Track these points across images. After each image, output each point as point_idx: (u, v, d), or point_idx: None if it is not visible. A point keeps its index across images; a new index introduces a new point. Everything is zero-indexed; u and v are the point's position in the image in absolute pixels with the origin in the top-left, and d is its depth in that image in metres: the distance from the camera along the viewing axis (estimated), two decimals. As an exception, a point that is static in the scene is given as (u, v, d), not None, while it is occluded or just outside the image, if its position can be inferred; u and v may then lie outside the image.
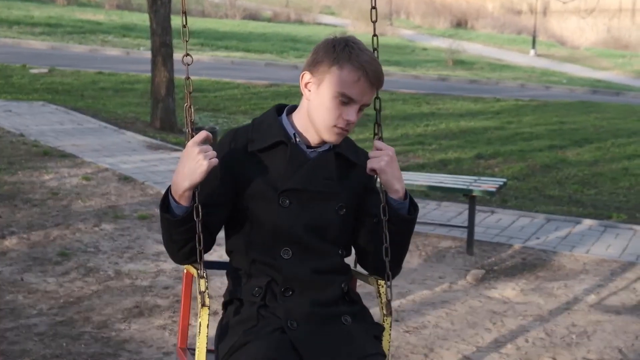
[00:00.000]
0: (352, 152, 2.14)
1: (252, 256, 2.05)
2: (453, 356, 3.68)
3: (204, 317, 1.95)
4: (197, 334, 1.96)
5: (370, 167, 2.01)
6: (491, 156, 9.70)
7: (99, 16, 25.41)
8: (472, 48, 30.37)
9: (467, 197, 5.39)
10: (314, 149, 2.09)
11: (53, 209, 5.66)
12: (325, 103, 2.00)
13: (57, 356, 3.41)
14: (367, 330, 2.07)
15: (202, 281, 1.96)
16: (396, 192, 2.03)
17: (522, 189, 7.94)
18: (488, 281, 4.86)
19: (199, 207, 1.92)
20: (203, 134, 1.91)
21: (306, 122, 2.07)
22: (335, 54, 1.98)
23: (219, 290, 4.11)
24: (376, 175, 2.05)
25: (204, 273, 1.96)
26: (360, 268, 2.27)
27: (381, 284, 2.14)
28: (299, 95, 2.10)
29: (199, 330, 1.96)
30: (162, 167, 7.32)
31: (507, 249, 5.55)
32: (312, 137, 2.08)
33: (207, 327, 1.95)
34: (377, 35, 2.09)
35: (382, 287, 2.13)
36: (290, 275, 2.01)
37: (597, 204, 7.46)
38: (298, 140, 2.07)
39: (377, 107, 2.08)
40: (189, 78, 2.01)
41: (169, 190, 1.96)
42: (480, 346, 3.82)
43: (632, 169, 9.38)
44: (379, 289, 2.14)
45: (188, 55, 2.00)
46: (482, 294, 4.61)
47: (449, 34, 34.42)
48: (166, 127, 9.77)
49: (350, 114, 2.00)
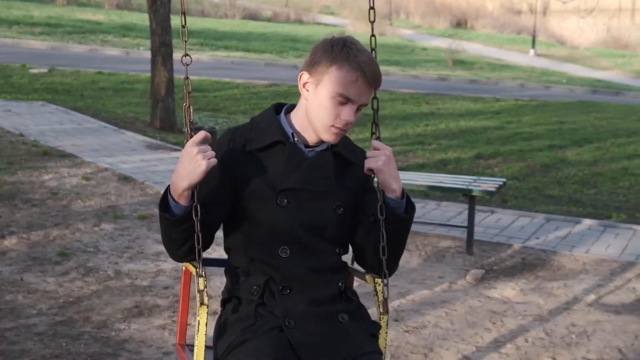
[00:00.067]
0: (350, 151, 2.14)
1: (251, 254, 2.06)
2: (453, 356, 3.68)
3: (202, 316, 1.96)
4: (196, 332, 1.98)
5: (367, 167, 2.02)
6: (491, 156, 9.70)
7: (99, 16, 25.42)
8: (472, 48, 30.38)
9: (467, 197, 5.39)
10: (312, 149, 2.09)
11: (53, 208, 5.66)
12: (324, 103, 2.00)
13: (56, 356, 3.41)
14: (364, 328, 2.08)
15: (200, 280, 1.97)
16: (393, 192, 2.05)
17: (521, 188, 7.94)
18: (488, 281, 4.86)
19: (198, 206, 1.93)
20: (202, 134, 1.91)
21: (304, 121, 2.07)
22: (333, 54, 1.98)
23: (218, 290, 4.10)
24: (374, 175, 2.06)
25: (202, 272, 1.98)
26: (357, 265, 2.28)
27: (378, 282, 2.15)
28: (298, 95, 2.10)
29: (197, 328, 1.97)
30: (162, 167, 7.32)
31: (507, 248, 5.55)
32: (310, 137, 2.08)
33: (206, 325, 1.97)
34: (374, 36, 2.10)
35: (379, 285, 2.14)
36: (288, 273, 2.03)
37: (597, 203, 7.46)
38: (296, 139, 2.08)
39: (375, 107, 2.09)
40: (188, 78, 2.02)
41: (168, 190, 1.97)
42: (480, 346, 3.82)
43: (631, 168, 9.38)
44: (375, 287, 2.16)
45: (187, 55, 2.01)
46: (482, 293, 4.61)
47: (448, 33, 34.44)
48: (166, 127, 9.77)
49: (348, 114, 2.00)
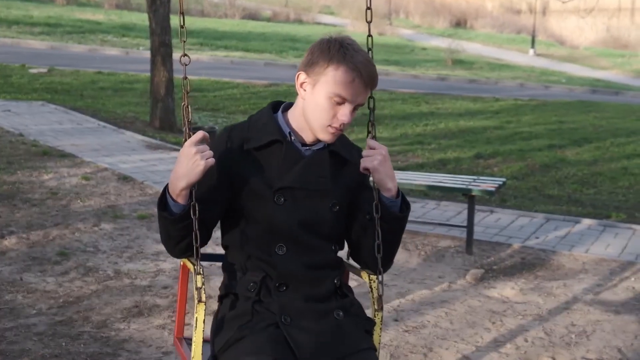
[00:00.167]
0: (347, 149, 2.16)
1: (248, 252, 2.09)
2: (452, 356, 3.68)
3: (200, 313, 1.99)
4: (194, 328, 2.00)
5: (363, 166, 2.04)
6: (490, 156, 9.71)
7: (98, 16, 25.43)
8: (472, 47, 30.40)
9: (466, 196, 5.39)
10: (309, 147, 2.11)
11: (52, 208, 5.66)
12: (320, 103, 2.02)
13: (56, 356, 3.41)
14: (359, 324, 2.11)
15: (198, 277, 2.00)
16: (389, 191, 2.07)
17: (521, 188, 7.94)
18: (487, 281, 4.86)
19: (196, 205, 1.95)
20: (200, 134, 1.93)
21: (301, 120, 2.09)
22: (330, 54, 1.99)
23: (218, 290, 4.10)
24: (369, 174, 2.08)
25: (200, 269, 2.00)
26: (352, 261, 2.31)
27: (373, 279, 2.19)
28: (297, 95, 2.11)
29: (195, 325, 2.00)
30: (162, 166, 7.32)
31: (507, 248, 5.55)
32: (307, 136, 2.10)
33: (204, 322, 2.00)
34: (371, 36, 2.12)
35: (374, 282, 2.18)
36: (285, 270, 2.05)
37: (596, 203, 7.47)
38: (293, 138, 2.10)
39: (371, 106, 2.11)
40: (186, 78, 2.04)
41: (166, 189, 1.99)
42: (480, 346, 3.82)
43: (631, 168, 9.39)
44: (370, 284, 2.19)
45: (186, 55, 2.03)
46: (482, 293, 4.61)
47: (448, 33, 34.45)
48: (165, 126, 9.77)
49: (345, 114, 2.02)
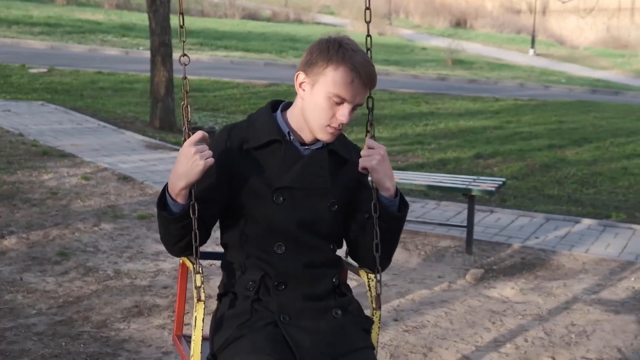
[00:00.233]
0: (345, 149, 2.17)
1: (247, 250, 2.10)
2: (452, 355, 3.68)
3: (199, 312, 2.00)
4: (193, 327, 2.01)
5: (362, 166, 2.05)
6: (490, 156, 9.70)
7: (98, 16, 25.43)
8: (471, 47, 30.39)
9: (466, 196, 5.39)
10: (308, 147, 2.12)
11: (52, 208, 5.66)
12: (319, 103, 2.03)
13: (56, 356, 3.41)
14: (357, 323, 2.12)
15: (197, 276, 2.00)
16: (387, 190, 2.08)
17: (521, 188, 7.94)
18: (487, 280, 4.86)
19: (195, 205, 1.96)
20: (199, 134, 1.93)
21: (300, 120, 2.10)
22: (329, 55, 2.00)
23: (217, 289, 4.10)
24: (368, 173, 2.09)
25: (199, 269, 2.01)
26: (351, 259, 2.32)
27: (371, 277, 2.20)
28: (296, 95, 2.11)
29: (194, 324, 2.01)
30: (162, 166, 7.32)
31: (506, 248, 5.55)
32: (306, 135, 2.11)
33: (203, 321, 2.01)
34: (370, 36, 2.12)
35: (372, 281, 2.19)
36: (283, 269, 2.06)
37: (596, 203, 7.47)
38: (292, 138, 2.11)
39: (370, 105, 2.11)
40: (185, 78, 2.05)
41: (165, 188, 2.00)
42: (480, 345, 3.82)
43: (631, 168, 9.38)
44: (369, 282, 2.20)
45: (185, 55, 2.04)
46: (481, 293, 4.61)
47: (448, 33, 34.44)
48: (165, 126, 9.77)
49: (344, 114, 2.03)
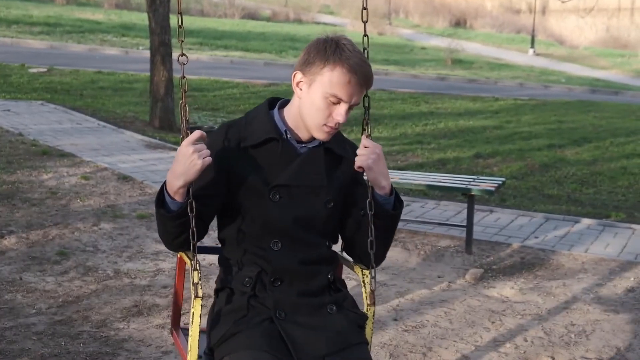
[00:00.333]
0: (341, 146, 2.20)
1: (244, 247, 2.13)
2: (452, 355, 3.68)
3: (196, 308, 2.02)
4: (190, 322, 2.04)
5: (357, 165, 2.08)
6: (490, 155, 9.70)
7: (98, 15, 25.43)
8: (471, 47, 30.39)
9: (466, 196, 5.39)
10: (305, 145, 2.15)
11: (52, 208, 5.66)
12: (316, 103, 2.05)
13: (55, 355, 3.41)
14: (352, 319, 2.15)
15: (195, 273, 2.03)
16: (382, 189, 2.11)
17: (520, 188, 7.94)
18: (487, 280, 4.86)
19: (193, 203, 1.99)
20: (197, 134, 1.96)
21: (297, 119, 2.12)
22: (326, 55, 2.02)
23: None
24: (363, 172, 2.11)
25: (197, 265, 2.03)
26: (346, 254, 2.35)
27: (366, 274, 2.22)
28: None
29: (192, 319, 2.03)
30: (161, 166, 7.32)
31: (506, 248, 5.55)
32: (303, 134, 2.14)
33: (200, 317, 2.03)
34: (367, 35, 2.16)
35: (367, 277, 2.22)
36: (279, 266, 2.09)
37: (596, 203, 7.47)
38: (289, 136, 2.14)
39: (366, 104, 2.14)
40: (184, 77, 2.07)
41: (164, 186, 2.02)
42: (479, 345, 3.82)
43: (630, 168, 9.38)
44: (363, 279, 2.23)
45: (183, 55, 2.06)
46: (481, 293, 4.61)
47: (447, 33, 34.43)
48: (165, 126, 9.77)
49: (340, 114, 2.05)
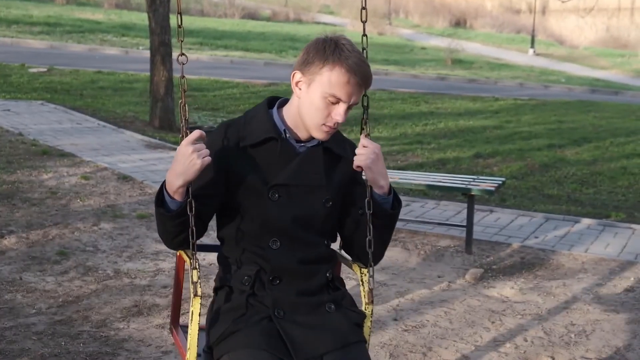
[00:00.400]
0: (340, 145, 2.21)
1: (243, 245, 2.14)
2: (452, 355, 3.68)
3: (196, 306, 2.04)
4: (190, 321, 2.05)
5: (356, 164, 2.09)
6: (490, 155, 9.70)
7: (98, 15, 25.42)
8: (471, 47, 30.39)
9: (466, 196, 5.39)
10: (303, 144, 2.16)
11: (52, 208, 5.66)
12: (315, 103, 2.06)
13: (55, 355, 3.41)
14: (350, 318, 2.16)
15: (194, 272, 2.04)
16: (381, 188, 2.12)
17: (520, 188, 7.94)
18: (487, 280, 4.86)
19: (192, 202, 2.00)
20: (197, 133, 1.96)
21: (296, 118, 2.13)
22: (325, 55, 2.03)
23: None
24: (362, 171, 2.12)
25: (196, 264, 2.04)
26: (344, 253, 2.35)
27: (364, 272, 2.23)
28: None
29: (191, 318, 2.04)
30: (161, 166, 7.32)
31: (506, 248, 5.55)
32: (302, 133, 2.14)
33: (199, 315, 2.04)
34: (366, 35, 2.17)
35: (365, 276, 2.23)
36: (278, 265, 2.11)
37: (596, 203, 7.47)
38: (288, 135, 2.14)
39: (365, 103, 2.15)
40: (183, 77, 2.08)
41: (163, 185, 2.03)
42: (479, 345, 3.82)
43: (630, 168, 9.38)
44: (362, 277, 2.24)
45: (183, 54, 2.06)
46: (481, 293, 4.61)
47: (447, 33, 34.43)
48: (165, 126, 9.77)
49: (339, 113, 2.06)
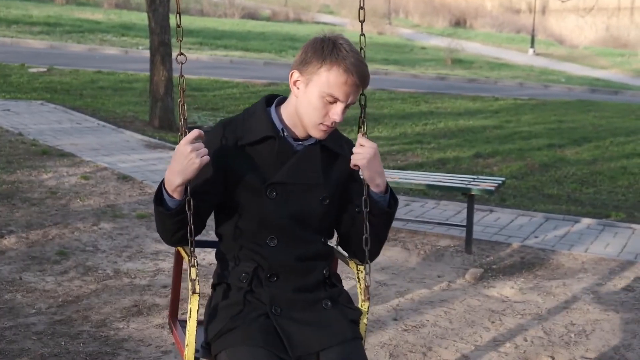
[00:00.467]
0: (337, 143, 2.22)
1: (240, 243, 2.16)
2: (452, 355, 3.68)
3: (194, 303, 2.05)
4: (188, 318, 2.07)
5: (353, 163, 2.10)
6: (490, 155, 9.70)
7: (98, 15, 25.42)
8: (471, 47, 30.38)
9: (466, 195, 5.39)
10: (301, 142, 2.17)
11: (52, 208, 5.66)
12: (313, 102, 2.07)
13: (55, 355, 3.41)
14: (346, 314, 2.18)
15: (192, 269, 2.06)
16: (378, 187, 2.14)
17: (520, 187, 7.94)
18: (487, 280, 4.86)
19: (191, 200, 2.01)
20: (195, 133, 1.97)
21: (294, 117, 2.14)
22: (323, 55, 2.04)
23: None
24: (359, 170, 2.14)
25: (194, 261, 2.06)
26: (341, 249, 2.37)
27: (361, 269, 2.25)
28: None
29: (189, 315, 2.06)
30: (161, 166, 7.32)
31: (506, 247, 5.55)
32: (299, 131, 2.16)
33: (197, 312, 2.06)
34: (364, 35, 2.18)
35: (362, 273, 2.24)
36: (275, 262, 2.13)
37: (596, 202, 7.47)
38: (286, 134, 2.16)
39: (362, 102, 2.16)
40: (182, 76, 2.08)
41: (162, 184, 2.04)
42: (479, 345, 3.82)
43: (630, 167, 9.38)
44: (358, 274, 2.25)
45: (182, 54, 2.07)
46: (481, 292, 4.61)
47: (447, 32, 34.42)
48: (165, 126, 9.77)
49: (337, 113, 2.07)
